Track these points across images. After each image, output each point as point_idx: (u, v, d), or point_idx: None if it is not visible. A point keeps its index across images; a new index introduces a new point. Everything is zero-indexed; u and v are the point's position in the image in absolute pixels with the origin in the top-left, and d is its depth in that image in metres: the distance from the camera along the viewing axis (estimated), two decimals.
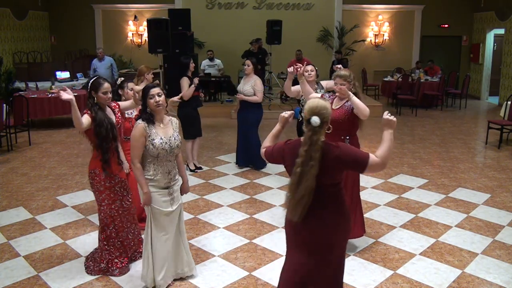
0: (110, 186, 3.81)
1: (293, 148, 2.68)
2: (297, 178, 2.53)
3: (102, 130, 3.67)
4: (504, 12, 12.55)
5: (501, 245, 4.46)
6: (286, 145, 2.76)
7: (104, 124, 3.68)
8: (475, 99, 13.80)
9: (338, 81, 4.08)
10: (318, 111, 2.57)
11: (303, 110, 2.75)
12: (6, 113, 7.81)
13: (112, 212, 3.84)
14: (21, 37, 12.71)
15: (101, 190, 3.78)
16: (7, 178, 6.48)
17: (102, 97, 3.72)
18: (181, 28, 11.72)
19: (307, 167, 2.51)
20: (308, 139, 2.54)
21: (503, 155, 7.79)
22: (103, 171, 3.74)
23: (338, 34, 14.11)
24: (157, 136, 3.40)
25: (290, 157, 2.67)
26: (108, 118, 3.76)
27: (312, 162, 2.50)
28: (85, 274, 3.89)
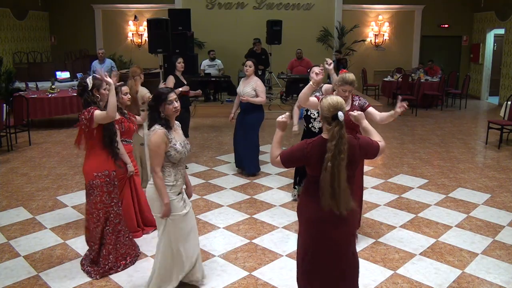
0: (115, 186, 3.93)
1: (318, 145, 2.75)
2: (330, 172, 2.64)
3: (110, 126, 3.79)
4: (504, 12, 12.55)
5: (501, 245, 4.46)
6: (308, 145, 2.79)
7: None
8: (475, 99, 13.80)
9: (348, 88, 4.05)
10: (340, 106, 2.73)
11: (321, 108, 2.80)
12: (6, 113, 7.81)
13: (120, 210, 3.96)
14: (21, 37, 12.72)
15: (111, 190, 3.85)
16: (7, 178, 6.48)
17: (104, 93, 3.81)
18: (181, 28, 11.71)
19: (337, 160, 2.64)
20: (336, 134, 2.65)
21: (503, 155, 7.79)
22: (118, 167, 3.93)
23: (338, 34, 14.11)
24: (177, 142, 3.34)
25: (316, 155, 2.74)
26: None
27: (342, 155, 2.64)
28: (85, 274, 3.88)
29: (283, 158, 2.87)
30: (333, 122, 2.69)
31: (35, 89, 10.33)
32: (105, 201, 3.83)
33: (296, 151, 2.83)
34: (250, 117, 6.38)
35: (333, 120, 2.69)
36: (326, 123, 2.76)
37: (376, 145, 2.91)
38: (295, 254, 4.22)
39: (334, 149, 2.63)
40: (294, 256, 4.19)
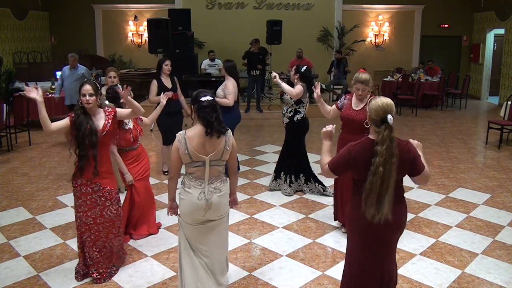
0: (87, 193, 3.64)
1: (363, 149, 2.71)
2: (380, 176, 2.58)
3: (79, 134, 3.49)
4: (504, 12, 12.55)
5: (501, 245, 4.46)
6: (353, 147, 2.75)
7: (81, 128, 3.49)
8: (475, 99, 13.80)
9: (360, 86, 4.18)
10: (390, 109, 2.69)
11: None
12: (6, 113, 7.81)
13: (88, 220, 3.67)
14: (21, 37, 12.72)
15: (78, 195, 3.67)
16: (7, 178, 6.48)
17: (82, 99, 3.54)
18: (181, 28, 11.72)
19: (389, 164, 2.58)
20: (387, 137, 2.60)
21: (503, 155, 7.79)
22: (73, 176, 3.64)
23: (338, 34, 14.11)
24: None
25: (362, 159, 2.69)
26: (91, 123, 3.53)
27: (393, 158, 2.59)
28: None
29: (331, 166, 2.81)
30: (382, 125, 2.64)
31: None
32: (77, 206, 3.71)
33: (342, 156, 2.78)
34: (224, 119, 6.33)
35: (382, 123, 2.65)
36: (374, 125, 2.72)
37: (422, 165, 2.78)
38: (295, 254, 4.25)
39: (385, 153, 2.58)
40: (294, 256, 4.21)
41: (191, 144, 3.08)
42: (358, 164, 2.71)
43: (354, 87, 4.28)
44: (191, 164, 3.13)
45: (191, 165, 3.13)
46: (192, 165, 3.13)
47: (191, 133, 3.12)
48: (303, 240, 4.57)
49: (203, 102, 3.10)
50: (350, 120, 4.33)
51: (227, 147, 3.15)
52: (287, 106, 5.62)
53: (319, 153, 7.72)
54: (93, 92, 3.55)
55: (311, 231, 4.78)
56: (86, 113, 3.56)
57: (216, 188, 3.17)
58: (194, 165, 3.13)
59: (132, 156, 4.48)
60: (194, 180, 3.16)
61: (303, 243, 4.49)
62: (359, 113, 4.28)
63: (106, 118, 3.65)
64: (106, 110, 3.70)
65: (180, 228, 3.31)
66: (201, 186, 3.14)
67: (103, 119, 3.64)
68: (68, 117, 3.55)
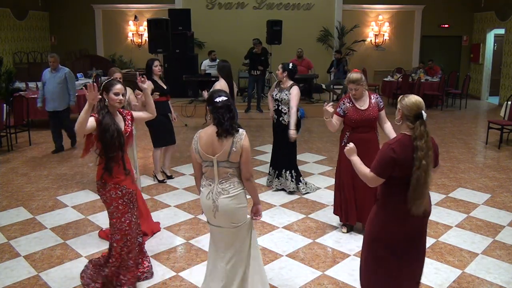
0: (118, 197, 3.48)
1: (404, 146, 2.80)
2: (424, 170, 2.72)
3: (107, 136, 3.35)
4: (504, 12, 12.55)
5: (501, 245, 4.46)
6: (395, 147, 2.81)
7: (109, 129, 3.36)
8: (475, 99, 13.80)
9: (352, 86, 4.32)
10: (422, 105, 2.86)
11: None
12: (6, 113, 7.81)
13: (123, 226, 3.50)
14: (21, 37, 12.72)
15: (108, 202, 3.49)
16: (7, 178, 6.48)
17: (113, 98, 3.41)
18: (181, 28, 11.73)
19: (428, 158, 2.74)
20: (424, 132, 2.76)
21: (503, 155, 7.79)
22: (100, 179, 3.45)
23: (338, 34, 14.11)
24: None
25: (403, 157, 2.77)
26: (116, 124, 3.43)
27: (430, 152, 2.76)
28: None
29: (376, 171, 2.84)
30: (416, 121, 2.79)
31: (35, 89, 10.32)
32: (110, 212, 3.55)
33: (385, 158, 2.81)
34: None
35: (416, 119, 2.79)
36: (408, 122, 2.84)
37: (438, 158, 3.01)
38: (295, 254, 4.25)
39: (425, 147, 2.73)
40: (294, 256, 4.21)
41: (200, 143, 3.11)
42: (401, 161, 2.77)
43: (349, 89, 4.39)
44: (202, 163, 3.17)
45: (203, 164, 3.17)
46: (203, 164, 3.16)
47: (203, 132, 3.16)
48: (303, 240, 4.57)
49: (218, 103, 3.10)
50: (361, 121, 4.36)
51: (234, 149, 3.06)
52: (286, 106, 5.64)
53: (319, 153, 7.79)
54: (124, 92, 3.50)
55: (311, 231, 4.77)
56: (110, 113, 3.43)
57: (224, 190, 3.09)
58: (204, 165, 3.16)
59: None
60: (205, 180, 3.18)
61: (303, 243, 4.49)
62: (368, 112, 4.37)
63: (126, 120, 3.56)
64: (123, 112, 3.59)
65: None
66: (210, 185, 3.14)
67: (122, 120, 3.53)
68: (92, 117, 3.34)
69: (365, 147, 4.32)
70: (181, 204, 5.52)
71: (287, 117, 5.66)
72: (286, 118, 5.68)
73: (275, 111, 5.79)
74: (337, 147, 8.41)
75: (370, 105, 4.39)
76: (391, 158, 2.78)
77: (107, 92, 3.42)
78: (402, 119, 2.90)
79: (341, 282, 3.79)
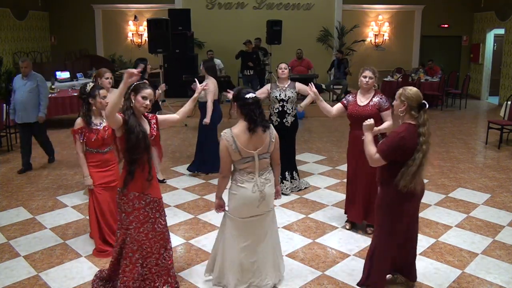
0: (140, 207, 3.35)
1: (411, 134, 3.15)
2: (425, 152, 3.13)
3: (132, 137, 3.23)
4: (504, 12, 12.55)
5: (501, 245, 4.46)
6: (405, 134, 3.13)
7: (135, 131, 3.23)
8: (475, 99, 13.80)
9: (368, 74, 4.43)
10: (422, 97, 3.21)
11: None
12: (6, 113, 7.81)
13: (140, 236, 3.36)
14: (21, 37, 12.71)
15: (129, 211, 3.33)
16: (7, 178, 6.48)
17: (140, 101, 3.29)
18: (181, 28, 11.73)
19: (429, 143, 3.16)
20: (426, 120, 3.15)
21: (503, 155, 7.79)
22: (123, 185, 3.28)
23: (338, 34, 14.11)
24: None
25: (410, 145, 3.14)
26: (141, 126, 3.31)
27: (430, 138, 3.18)
28: (85, 274, 3.88)
29: (383, 154, 3.18)
30: (420, 110, 3.14)
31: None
32: (128, 222, 3.36)
33: (394, 144, 3.14)
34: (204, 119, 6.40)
35: (420, 108, 3.14)
36: (412, 111, 3.17)
37: None
38: (295, 254, 4.25)
39: (427, 133, 3.13)
40: (294, 256, 4.20)
41: (239, 141, 3.18)
42: (407, 147, 3.13)
43: (361, 76, 4.45)
44: (241, 160, 3.23)
45: (241, 162, 3.23)
46: (242, 161, 3.22)
47: (237, 130, 3.22)
48: (303, 240, 4.57)
49: (248, 99, 3.21)
50: (357, 117, 4.40)
51: (272, 139, 3.30)
52: (292, 104, 5.61)
53: (319, 153, 7.78)
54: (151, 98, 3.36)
55: (311, 231, 4.78)
56: (135, 114, 3.33)
57: (266, 179, 3.33)
58: (245, 161, 3.23)
59: (97, 160, 4.16)
60: (245, 175, 3.27)
61: (303, 243, 4.49)
62: (365, 108, 4.42)
63: (151, 123, 3.46)
64: (148, 115, 3.48)
65: (225, 223, 3.47)
66: (253, 179, 3.27)
67: (147, 123, 3.44)
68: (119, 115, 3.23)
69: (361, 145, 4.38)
70: (181, 204, 5.52)
71: (290, 117, 5.63)
72: (289, 119, 5.64)
73: (279, 113, 5.63)
74: (336, 146, 8.48)
75: (370, 103, 4.43)
76: (400, 145, 3.12)
77: (136, 93, 3.29)
78: (406, 110, 3.18)
79: (341, 282, 3.79)
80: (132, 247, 3.36)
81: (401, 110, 3.20)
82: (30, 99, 6.62)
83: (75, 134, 4.11)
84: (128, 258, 3.37)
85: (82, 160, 4.13)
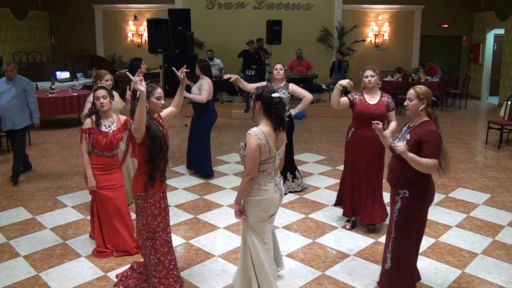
0: (164, 207, 3.38)
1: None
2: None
3: (157, 144, 3.21)
4: (504, 12, 12.55)
5: (501, 245, 4.46)
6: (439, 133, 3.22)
7: (158, 135, 3.22)
8: (475, 99, 13.80)
9: (369, 73, 4.48)
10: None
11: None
12: None
13: (169, 237, 3.41)
14: (21, 37, 12.72)
15: (156, 213, 3.33)
16: (7, 178, 6.48)
17: (156, 103, 3.26)
18: (181, 28, 11.72)
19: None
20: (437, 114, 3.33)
21: (503, 155, 7.79)
22: (144, 190, 3.27)
23: (338, 34, 14.11)
24: None
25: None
26: (160, 129, 3.31)
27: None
28: (85, 274, 3.89)
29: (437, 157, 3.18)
30: (433, 106, 3.31)
31: (35, 89, 10.31)
32: (156, 225, 3.36)
33: (438, 143, 3.20)
34: (200, 119, 6.40)
35: (433, 104, 3.32)
36: (428, 108, 3.28)
37: None
38: (295, 254, 4.25)
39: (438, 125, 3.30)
40: (294, 256, 4.20)
41: (271, 140, 3.13)
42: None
43: (363, 77, 4.50)
44: (267, 160, 3.14)
45: (266, 162, 3.14)
46: (267, 161, 3.15)
47: (266, 129, 3.13)
48: (303, 240, 4.57)
49: (275, 99, 3.15)
50: (368, 115, 4.40)
51: (286, 140, 3.33)
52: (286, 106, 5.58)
53: (319, 153, 7.79)
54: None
55: (311, 231, 4.78)
56: (152, 118, 3.30)
57: (279, 178, 3.34)
58: (269, 161, 3.15)
59: (101, 162, 4.09)
60: (267, 176, 3.20)
61: (303, 243, 4.49)
62: (377, 107, 4.46)
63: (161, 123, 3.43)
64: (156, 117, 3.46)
65: (248, 229, 3.27)
66: (272, 180, 3.23)
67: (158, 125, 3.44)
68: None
69: (366, 144, 4.45)
70: (181, 204, 5.52)
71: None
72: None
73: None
74: (336, 146, 8.48)
75: (380, 102, 4.49)
76: (441, 144, 3.21)
77: (149, 97, 3.24)
78: (425, 108, 3.27)
79: (341, 282, 3.79)
80: (163, 250, 3.38)
81: (421, 108, 3.26)
82: (15, 105, 6.17)
83: (83, 134, 4.03)
84: (161, 264, 3.39)
85: (86, 160, 4.05)
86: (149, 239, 3.38)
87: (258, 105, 3.18)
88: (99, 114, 4.06)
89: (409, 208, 3.30)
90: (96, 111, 4.08)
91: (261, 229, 3.28)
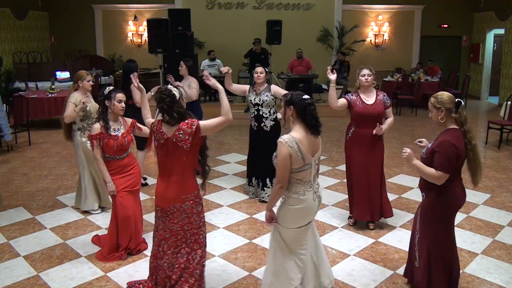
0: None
1: (459, 140, 3.15)
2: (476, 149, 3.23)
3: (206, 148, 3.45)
4: (504, 12, 12.55)
5: (501, 245, 4.46)
6: (456, 144, 3.11)
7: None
8: (475, 99, 13.80)
9: (366, 72, 4.53)
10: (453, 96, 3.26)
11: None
12: (6, 113, 7.81)
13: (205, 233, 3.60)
14: (21, 37, 12.72)
15: (200, 210, 3.48)
16: (7, 178, 6.48)
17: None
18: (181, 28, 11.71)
19: (474, 138, 3.24)
20: (466, 115, 3.22)
21: (503, 155, 7.79)
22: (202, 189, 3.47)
23: (338, 34, 14.11)
24: None
25: (462, 148, 3.15)
26: None
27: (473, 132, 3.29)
28: (85, 274, 3.89)
29: (445, 169, 3.10)
30: (458, 109, 3.17)
31: (35, 89, 10.33)
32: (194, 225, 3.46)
33: (451, 155, 3.09)
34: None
35: (457, 107, 3.17)
36: (452, 113, 3.18)
37: None
38: None
39: (471, 129, 3.20)
40: None
41: (304, 147, 2.97)
42: (461, 152, 3.13)
43: (359, 76, 4.55)
44: (301, 168, 3.00)
45: (300, 170, 3.00)
46: (301, 169, 3.00)
47: (299, 135, 2.99)
48: None
49: (308, 100, 3.04)
50: (367, 115, 4.48)
51: (322, 145, 3.19)
52: (268, 108, 5.38)
53: None
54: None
55: None
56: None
57: (318, 184, 3.20)
58: (303, 169, 3.01)
59: (116, 166, 4.09)
60: (304, 185, 3.05)
61: None
62: (375, 107, 4.50)
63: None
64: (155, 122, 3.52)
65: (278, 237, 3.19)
66: (311, 188, 3.08)
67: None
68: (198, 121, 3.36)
69: (369, 143, 4.48)
70: None
71: (268, 122, 5.38)
72: (268, 123, 5.38)
73: (255, 117, 5.42)
74: (336, 146, 8.47)
75: (377, 101, 4.53)
76: (456, 154, 3.09)
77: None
78: (445, 115, 3.18)
79: (341, 282, 3.79)
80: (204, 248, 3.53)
81: (441, 117, 3.18)
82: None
83: (93, 140, 4.00)
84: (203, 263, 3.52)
85: (102, 165, 4.02)
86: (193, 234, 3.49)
87: (290, 111, 3.03)
88: (107, 118, 4.04)
89: (427, 210, 3.31)
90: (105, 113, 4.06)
91: (297, 236, 3.14)
